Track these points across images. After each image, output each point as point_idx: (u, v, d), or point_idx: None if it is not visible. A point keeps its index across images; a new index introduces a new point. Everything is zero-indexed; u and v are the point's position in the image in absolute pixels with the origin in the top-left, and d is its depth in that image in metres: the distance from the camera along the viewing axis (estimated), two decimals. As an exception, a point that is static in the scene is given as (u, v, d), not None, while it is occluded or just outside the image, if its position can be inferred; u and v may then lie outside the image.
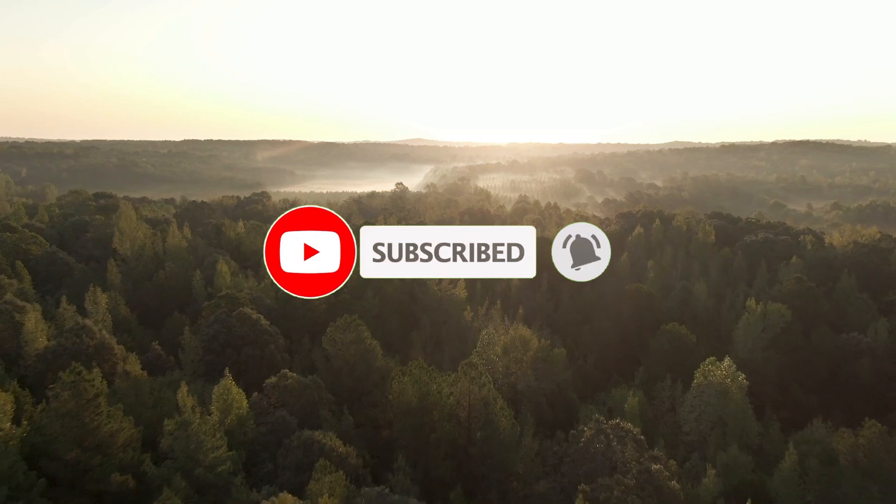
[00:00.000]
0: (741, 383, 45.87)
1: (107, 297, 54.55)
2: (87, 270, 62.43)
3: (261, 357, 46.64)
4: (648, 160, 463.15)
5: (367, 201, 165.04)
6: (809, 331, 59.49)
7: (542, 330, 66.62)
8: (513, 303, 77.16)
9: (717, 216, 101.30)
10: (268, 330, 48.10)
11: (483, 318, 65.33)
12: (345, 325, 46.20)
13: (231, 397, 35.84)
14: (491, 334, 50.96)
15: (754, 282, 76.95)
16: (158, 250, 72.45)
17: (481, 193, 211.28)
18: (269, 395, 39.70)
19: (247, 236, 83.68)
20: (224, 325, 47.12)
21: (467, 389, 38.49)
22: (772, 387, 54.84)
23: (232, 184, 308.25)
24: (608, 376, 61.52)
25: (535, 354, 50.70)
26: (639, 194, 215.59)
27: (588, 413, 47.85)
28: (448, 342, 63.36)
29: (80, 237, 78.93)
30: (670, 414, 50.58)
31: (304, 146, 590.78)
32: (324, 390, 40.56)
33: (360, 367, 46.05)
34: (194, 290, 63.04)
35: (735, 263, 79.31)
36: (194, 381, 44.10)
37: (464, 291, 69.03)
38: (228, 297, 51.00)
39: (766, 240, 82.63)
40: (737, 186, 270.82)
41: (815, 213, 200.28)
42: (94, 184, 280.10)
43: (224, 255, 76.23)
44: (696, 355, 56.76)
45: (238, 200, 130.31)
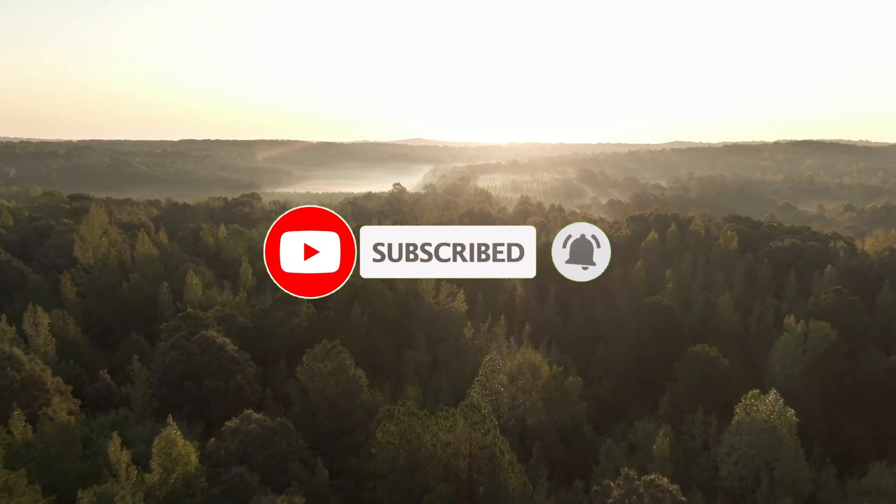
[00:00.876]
0: (790, 421, 38.95)
1: (57, 315, 47.69)
2: (40, 282, 55.46)
3: (226, 390, 39.71)
4: (651, 160, 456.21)
5: (363, 203, 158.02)
6: (856, 352, 52.52)
7: (550, 348, 59.83)
8: (517, 316, 70.26)
9: (736, 219, 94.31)
10: (235, 357, 41.14)
11: (485, 335, 58.42)
12: (324, 353, 39.24)
13: (176, 451, 28.91)
14: (495, 360, 44.07)
15: (783, 293, 70.02)
16: (126, 259, 65.51)
17: (482, 194, 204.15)
18: (228, 443, 32.78)
19: (227, 242, 76.75)
20: (182, 352, 40.17)
21: (468, 436, 31.58)
22: (816, 419, 47.89)
23: (226, 184, 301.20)
24: (626, 403, 54.61)
25: (546, 383, 43.79)
26: (644, 195, 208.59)
27: (608, 452, 41.00)
28: (446, 363, 56.47)
29: (43, 243, 72.00)
30: (703, 452, 43.73)
31: (303, 146, 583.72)
32: (294, 436, 33.59)
33: (342, 403, 39.11)
34: (161, 305, 56.15)
35: (761, 273, 72.34)
36: (144, 420, 37.22)
37: (463, 305, 62.18)
38: (190, 317, 43.99)
39: (794, 246, 75.67)
40: (743, 187, 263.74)
41: (827, 214, 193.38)
42: (84, 184, 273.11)
43: (200, 263, 69.32)
44: (729, 381, 49.94)
45: (225, 202, 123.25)
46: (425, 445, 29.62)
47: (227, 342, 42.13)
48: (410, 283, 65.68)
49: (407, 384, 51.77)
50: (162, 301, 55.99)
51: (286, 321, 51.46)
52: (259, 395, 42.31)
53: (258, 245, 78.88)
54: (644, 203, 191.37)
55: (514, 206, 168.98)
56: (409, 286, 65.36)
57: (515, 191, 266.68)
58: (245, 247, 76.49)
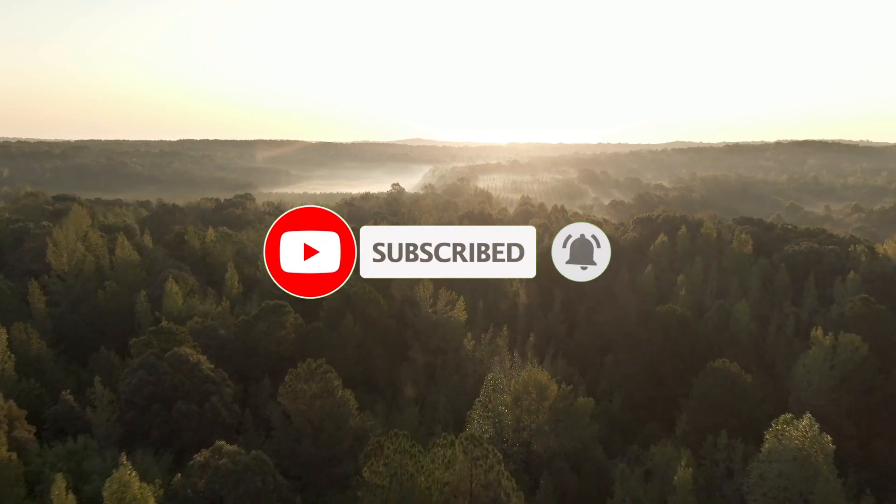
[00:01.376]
0: (827, 448, 35.01)
1: (19, 329, 43.79)
2: (5, 291, 51.50)
3: (199, 414, 35.77)
4: (652, 160, 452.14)
5: (360, 204, 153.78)
6: (889, 367, 48.60)
7: (555, 360, 55.97)
8: (520, 325, 66.42)
9: (747, 221, 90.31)
10: (210, 377, 37.21)
11: (486, 346, 54.52)
12: (308, 373, 35.32)
13: (130, 494, 25.00)
14: (497, 379, 40.14)
15: (801, 301, 66.11)
16: (105, 265, 61.59)
17: (482, 195, 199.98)
18: (195, 480, 28.86)
19: (214, 246, 72.75)
20: (151, 371, 36.24)
21: (468, 474, 27.66)
22: (848, 440, 43.95)
23: (223, 184, 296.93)
24: (639, 421, 50.73)
25: (554, 404, 39.86)
26: (648, 196, 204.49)
27: (623, 481, 37.12)
28: (444, 377, 52.57)
29: (18, 247, 68.06)
30: (726, 479, 39.86)
31: (302, 146, 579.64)
32: (272, 471, 29.65)
33: (328, 428, 35.23)
34: (138, 315, 52.22)
35: (777, 278, 68.43)
36: (106, 450, 33.31)
37: (463, 313, 58.26)
38: (162, 332, 40.00)
39: (812, 250, 71.74)
40: (747, 187, 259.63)
41: (834, 215, 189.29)
42: (79, 185, 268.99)
43: (184, 269, 65.38)
44: (752, 400, 46.03)
45: (217, 203, 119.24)
46: (419, 487, 25.68)
47: (203, 360, 38.18)
48: (407, 290, 61.81)
49: (402, 402, 47.93)
50: (139, 311, 52.07)
51: (271, 333, 47.54)
52: (238, 417, 38.40)
53: (247, 249, 74.91)
54: (647, 204, 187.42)
55: (514, 206, 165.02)
56: (406, 293, 61.49)
57: (516, 191, 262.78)
58: (233, 251, 72.57)
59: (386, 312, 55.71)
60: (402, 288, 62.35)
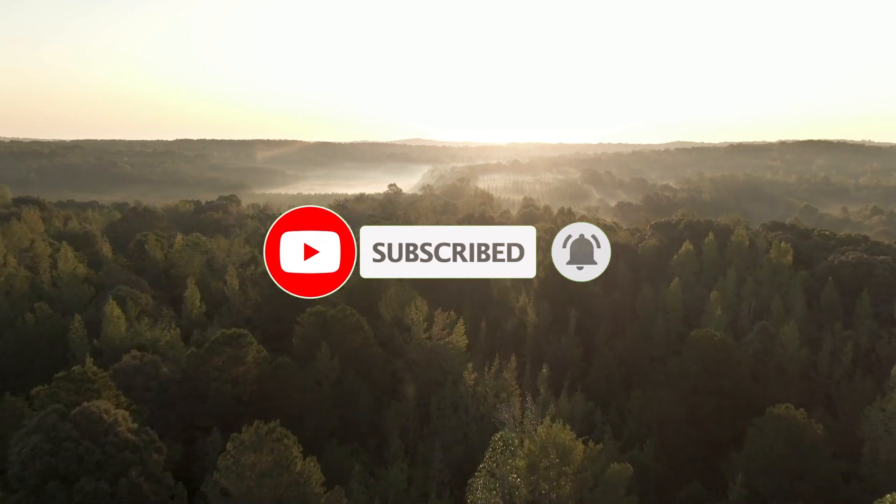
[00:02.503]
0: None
1: None
2: None
3: (111, 495, 26.78)
4: (655, 160, 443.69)
5: (354, 205, 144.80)
6: None
7: (572, 395, 47.10)
8: (529, 349, 57.60)
9: (779, 227, 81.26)
10: (129, 441, 28.23)
11: (491, 381, 45.57)
12: (257, 440, 26.38)
13: None
14: (508, 439, 31.22)
15: (854, 321, 57.20)
16: (43, 281, 52.71)
17: (482, 196, 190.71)
18: None
19: (180, 256, 63.73)
20: (50, 435, 27.27)
21: None
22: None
23: (215, 185, 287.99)
24: (677, 475, 41.85)
25: (580, 471, 30.97)
26: (656, 197, 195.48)
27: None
28: (441, 420, 43.65)
29: (-48, 259, 59.04)
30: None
31: (301, 146, 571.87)
32: None
33: (283, 515, 26.24)
34: (71, 345, 43.35)
35: (824, 295, 59.52)
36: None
37: (464, 338, 49.39)
38: (72, 378, 30.99)
39: (861, 261, 62.80)
40: (757, 188, 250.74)
41: (852, 217, 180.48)
42: (64, 185, 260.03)
43: (141, 284, 56.52)
44: (821, 456, 37.14)
45: (196, 206, 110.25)
46: None
47: (124, 417, 29.18)
48: (398, 311, 52.93)
49: (387, 455, 39.04)
50: (72, 339, 43.21)
51: (227, 371, 38.60)
52: (169, 491, 29.39)
53: (217, 259, 65.91)
54: (656, 205, 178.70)
55: (517, 208, 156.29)
56: (396, 315, 52.56)
57: (517, 192, 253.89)
58: (201, 262, 63.58)
59: (371, 340, 46.75)
60: (391, 307, 53.49)
